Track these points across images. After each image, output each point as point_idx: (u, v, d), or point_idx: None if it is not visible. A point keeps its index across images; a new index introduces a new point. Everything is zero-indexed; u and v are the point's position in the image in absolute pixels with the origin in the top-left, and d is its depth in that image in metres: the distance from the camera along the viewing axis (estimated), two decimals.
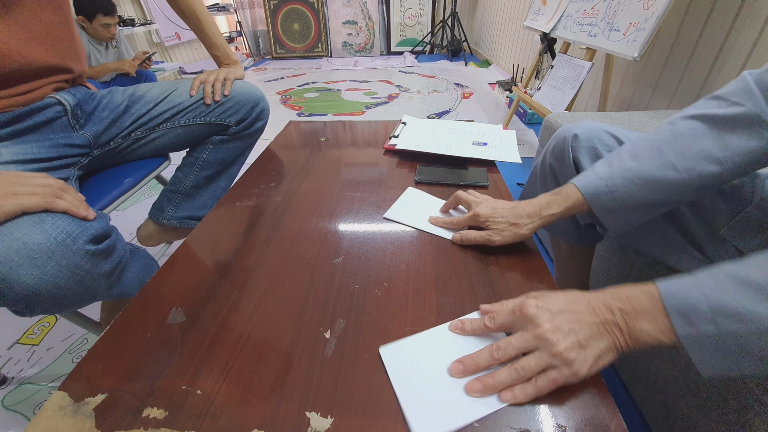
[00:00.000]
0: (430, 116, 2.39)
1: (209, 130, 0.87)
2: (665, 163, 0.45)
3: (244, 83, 0.90)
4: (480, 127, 0.91)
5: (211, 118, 0.85)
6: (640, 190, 0.47)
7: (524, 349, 0.35)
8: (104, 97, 0.81)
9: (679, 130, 0.46)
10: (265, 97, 0.92)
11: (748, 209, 0.49)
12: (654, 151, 0.46)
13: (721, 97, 0.45)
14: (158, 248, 1.04)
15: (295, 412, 0.34)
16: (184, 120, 0.84)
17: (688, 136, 0.45)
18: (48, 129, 0.70)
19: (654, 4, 1.18)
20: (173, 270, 0.52)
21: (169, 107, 0.83)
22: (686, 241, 0.53)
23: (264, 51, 4.71)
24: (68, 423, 0.33)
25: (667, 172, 0.45)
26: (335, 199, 0.68)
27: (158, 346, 0.41)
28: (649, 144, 0.47)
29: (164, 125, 0.83)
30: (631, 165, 0.47)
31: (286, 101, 2.87)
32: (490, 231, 0.52)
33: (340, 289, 0.47)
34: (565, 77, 1.63)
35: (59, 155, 0.69)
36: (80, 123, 0.75)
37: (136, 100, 0.82)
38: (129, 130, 0.81)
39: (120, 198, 0.80)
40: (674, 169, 0.45)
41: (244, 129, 0.89)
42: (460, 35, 3.99)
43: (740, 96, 0.43)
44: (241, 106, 0.87)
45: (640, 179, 0.46)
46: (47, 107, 0.69)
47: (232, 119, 0.86)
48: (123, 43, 2.08)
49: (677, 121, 0.47)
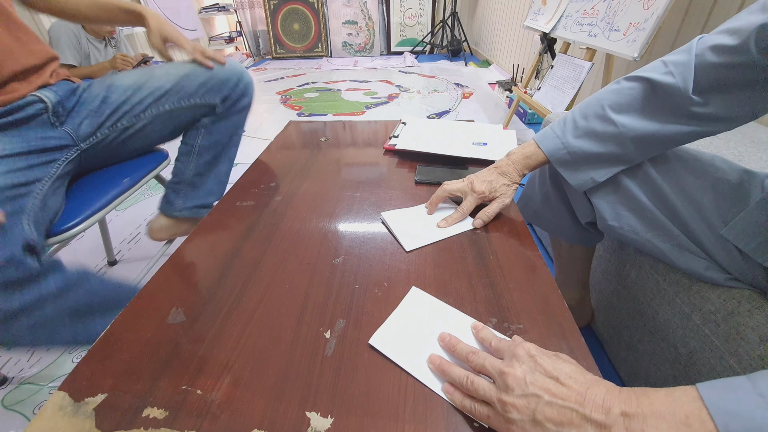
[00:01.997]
0: (430, 116, 2.39)
1: (196, 113, 0.85)
2: (605, 118, 0.52)
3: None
4: (480, 127, 0.91)
5: (195, 100, 0.83)
6: (589, 145, 0.54)
7: (486, 372, 0.34)
8: (84, 90, 0.80)
9: (621, 89, 0.52)
10: (247, 72, 0.90)
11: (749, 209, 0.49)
12: (599, 108, 0.53)
13: (666, 62, 0.49)
14: (158, 248, 1.04)
15: (295, 412, 0.34)
16: (169, 105, 0.82)
17: (626, 93, 0.51)
18: (27, 126, 0.69)
19: (654, 4, 1.18)
20: (173, 270, 0.52)
21: (149, 92, 0.81)
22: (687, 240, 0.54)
23: (264, 51, 4.71)
24: (68, 423, 0.33)
25: (607, 127, 0.52)
26: (335, 199, 0.68)
27: (158, 346, 0.41)
28: (596, 102, 0.54)
29: (149, 111, 0.82)
30: (581, 123, 0.55)
31: (286, 101, 2.87)
32: (497, 199, 0.59)
33: (340, 289, 0.47)
34: (565, 77, 1.63)
35: (36, 149, 0.68)
36: (60, 120, 0.74)
37: (113, 90, 0.81)
38: (113, 120, 0.79)
39: (119, 198, 0.80)
40: (613, 124, 0.51)
41: (231, 106, 0.87)
42: (460, 35, 3.99)
43: (678, 66, 0.47)
44: (223, 83, 0.85)
45: (586, 135, 0.54)
46: (28, 105, 0.69)
47: (217, 98, 0.85)
48: (123, 43, 2.07)
49: (622, 81, 0.53)
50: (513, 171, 0.60)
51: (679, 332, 0.58)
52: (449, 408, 0.34)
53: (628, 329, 0.71)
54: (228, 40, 4.35)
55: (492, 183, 0.59)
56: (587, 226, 0.67)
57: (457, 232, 0.57)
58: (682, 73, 0.46)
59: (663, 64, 0.49)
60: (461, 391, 0.34)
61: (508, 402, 0.30)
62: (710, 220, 0.51)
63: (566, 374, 0.30)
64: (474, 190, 0.59)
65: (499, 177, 0.60)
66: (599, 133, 0.53)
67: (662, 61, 0.50)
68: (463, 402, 0.34)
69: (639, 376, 0.70)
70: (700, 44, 0.46)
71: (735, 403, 0.24)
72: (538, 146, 0.59)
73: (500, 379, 0.31)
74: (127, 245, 1.32)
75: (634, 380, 0.72)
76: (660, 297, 0.61)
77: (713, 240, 0.51)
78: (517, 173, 0.60)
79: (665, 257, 0.56)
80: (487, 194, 0.59)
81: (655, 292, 0.62)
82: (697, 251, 0.53)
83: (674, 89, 0.47)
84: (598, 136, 0.53)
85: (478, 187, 0.59)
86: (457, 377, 0.34)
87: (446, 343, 0.39)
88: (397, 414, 0.34)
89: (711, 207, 0.52)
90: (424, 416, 0.34)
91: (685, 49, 0.48)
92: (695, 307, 0.55)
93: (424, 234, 0.57)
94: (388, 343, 0.40)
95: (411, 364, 0.38)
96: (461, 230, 0.58)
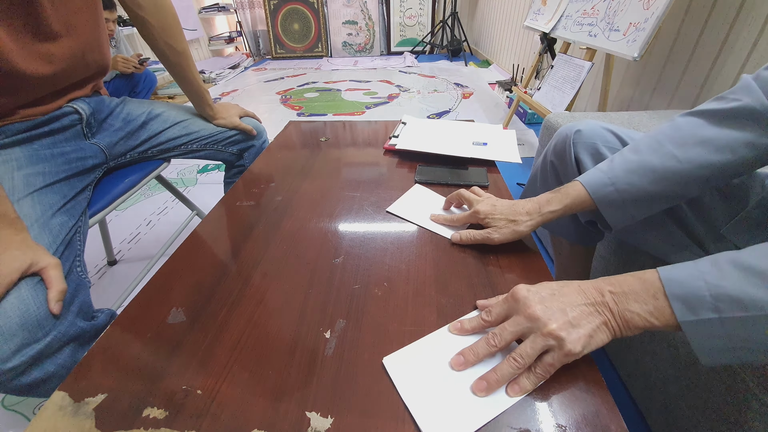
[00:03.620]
0: (430, 116, 2.39)
1: (215, 156, 0.94)
2: (666, 153, 0.46)
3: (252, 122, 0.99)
4: (480, 127, 0.91)
5: (219, 147, 0.93)
6: (642, 181, 0.47)
7: (518, 333, 0.36)
8: (118, 105, 0.83)
9: (678, 125, 0.47)
10: (266, 131, 1.04)
11: (749, 208, 0.49)
12: (655, 143, 0.47)
13: (721, 97, 0.46)
14: (158, 249, 1.04)
15: (295, 412, 0.34)
16: (196, 145, 0.90)
17: (687, 128, 0.46)
18: (61, 135, 0.71)
19: (654, 4, 1.18)
20: (173, 270, 0.52)
21: (185, 133, 0.88)
22: (688, 239, 0.54)
23: (264, 51, 4.71)
24: (68, 423, 0.33)
25: (667, 162, 0.45)
26: (335, 199, 0.67)
27: (158, 346, 0.41)
28: (650, 139, 0.48)
29: (177, 149, 0.89)
30: (632, 158, 0.48)
31: (286, 101, 2.87)
32: (489, 229, 0.52)
33: (340, 289, 0.47)
34: (565, 77, 1.63)
35: (77, 171, 0.70)
36: (92, 131, 0.77)
37: (154, 117, 0.85)
38: (144, 147, 0.85)
39: (120, 198, 0.80)
40: (675, 159, 0.45)
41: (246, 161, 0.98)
42: (460, 35, 3.99)
43: (739, 93, 0.44)
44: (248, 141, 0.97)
45: (641, 170, 0.47)
46: (64, 116, 0.71)
47: (236, 149, 0.96)
48: (122, 43, 2.08)
49: (677, 118, 0.48)
50: (525, 215, 0.51)
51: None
52: None
53: None
54: (228, 40, 4.35)
55: (496, 209, 0.52)
56: (587, 225, 0.67)
57: (446, 234, 0.57)
58: (749, 94, 0.43)
59: (717, 100, 0.46)
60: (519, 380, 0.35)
61: (554, 329, 0.34)
62: (711, 219, 0.51)
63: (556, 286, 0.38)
64: (475, 206, 0.54)
65: (511, 211, 0.52)
66: (657, 168, 0.46)
67: (716, 98, 0.46)
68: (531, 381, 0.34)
69: (639, 375, 0.70)
70: (752, 75, 0.44)
71: (678, 273, 0.33)
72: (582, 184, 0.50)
73: (531, 322, 0.35)
74: (127, 245, 1.32)
75: (635, 380, 0.72)
76: None
77: (714, 239, 0.51)
78: (527, 213, 0.51)
79: (666, 256, 0.56)
80: (482, 217, 0.53)
81: None
82: (697, 251, 0.53)
83: (746, 109, 0.43)
84: (657, 172, 0.46)
85: (481, 206, 0.53)
86: (507, 367, 0.35)
87: (465, 356, 0.37)
88: (397, 414, 0.34)
89: (712, 206, 0.52)
90: None
91: (737, 84, 0.45)
92: None
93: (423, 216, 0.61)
94: (400, 368, 0.37)
95: (414, 394, 0.35)
96: (448, 234, 0.57)
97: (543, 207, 0.51)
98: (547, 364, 0.34)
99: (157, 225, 1.43)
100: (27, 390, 0.48)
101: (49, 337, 0.48)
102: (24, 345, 0.46)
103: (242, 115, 0.96)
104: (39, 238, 0.55)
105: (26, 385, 0.47)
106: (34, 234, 0.55)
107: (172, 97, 2.93)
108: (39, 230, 0.57)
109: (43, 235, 0.56)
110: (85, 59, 0.70)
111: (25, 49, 0.59)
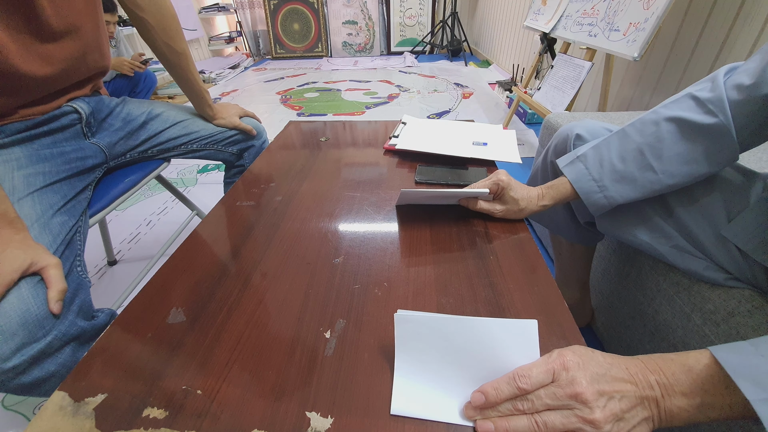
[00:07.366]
0: (430, 116, 2.39)
1: (215, 156, 0.94)
2: (646, 165, 0.51)
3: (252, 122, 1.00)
4: (480, 127, 0.91)
5: (218, 147, 0.93)
6: (626, 189, 0.53)
7: (555, 408, 0.31)
8: (118, 105, 0.83)
9: (661, 135, 0.51)
10: (266, 132, 1.04)
11: (749, 209, 0.49)
12: (637, 154, 0.52)
13: (700, 101, 0.48)
14: (158, 249, 1.04)
15: (295, 412, 0.34)
16: (196, 145, 0.90)
17: (667, 139, 0.50)
18: (61, 135, 0.71)
19: (654, 4, 1.18)
20: (173, 270, 0.52)
21: (185, 133, 0.88)
22: (687, 241, 0.54)
23: (264, 51, 4.71)
24: (68, 423, 0.33)
25: (646, 174, 0.52)
26: (335, 199, 0.67)
27: (158, 346, 0.41)
28: (635, 146, 0.52)
29: (177, 148, 0.89)
30: (619, 167, 0.53)
31: (286, 101, 2.87)
32: (498, 200, 0.57)
33: (340, 289, 0.47)
34: (565, 77, 1.63)
35: (77, 170, 0.70)
36: (92, 131, 0.77)
37: (154, 117, 0.85)
38: (144, 147, 0.85)
39: (120, 198, 0.80)
40: (653, 171, 0.51)
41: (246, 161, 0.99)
42: (460, 35, 3.99)
43: (716, 105, 0.46)
44: (248, 141, 0.97)
45: (625, 180, 0.53)
46: (63, 115, 0.71)
47: (236, 149, 0.96)
48: (122, 43, 2.08)
49: (661, 123, 0.51)
50: (543, 194, 0.58)
51: (679, 332, 0.58)
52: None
53: (628, 329, 0.71)
54: (228, 40, 4.35)
55: (511, 186, 0.56)
56: (586, 226, 0.67)
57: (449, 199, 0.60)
58: (722, 112, 0.45)
59: (696, 102, 0.48)
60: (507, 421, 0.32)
61: (598, 419, 0.30)
62: (711, 220, 0.51)
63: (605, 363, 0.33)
64: (498, 174, 0.57)
65: (526, 191, 0.58)
66: (638, 179, 0.52)
67: (693, 98, 0.49)
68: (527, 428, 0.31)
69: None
70: (728, 76, 0.47)
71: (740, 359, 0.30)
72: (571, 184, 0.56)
73: (575, 402, 0.31)
74: (127, 245, 1.32)
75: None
76: (660, 297, 0.61)
77: (714, 239, 0.51)
78: (526, 203, 0.57)
79: (664, 258, 0.56)
80: (503, 185, 0.56)
81: (655, 292, 0.62)
82: (696, 252, 0.53)
83: (719, 128, 0.46)
84: (637, 182, 0.52)
85: (505, 176, 0.57)
86: (525, 426, 0.31)
87: (487, 396, 0.33)
88: (397, 414, 0.34)
89: (711, 206, 0.52)
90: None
91: (715, 85, 0.47)
92: (695, 307, 0.55)
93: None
94: (406, 330, 0.36)
95: (406, 360, 0.35)
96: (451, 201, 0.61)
97: (539, 200, 0.58)
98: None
99: (157, 225, 1.43)
100: (27, 389, 0.48)
101: (49, 336, 0.48)
102: (24, 344, 0.46)
103: (242, 115, 0.96)
104: (39, 238, 0.55)
105: (27, 384, 0.48)
106: (34, 234, 0.55)
107: (172, 97, 2.93)
108: (39, 230, 0.57)
109: (43, 235, 0.56)
110: (85, 60, 0.70)
111: (25, 49, 0.59)
